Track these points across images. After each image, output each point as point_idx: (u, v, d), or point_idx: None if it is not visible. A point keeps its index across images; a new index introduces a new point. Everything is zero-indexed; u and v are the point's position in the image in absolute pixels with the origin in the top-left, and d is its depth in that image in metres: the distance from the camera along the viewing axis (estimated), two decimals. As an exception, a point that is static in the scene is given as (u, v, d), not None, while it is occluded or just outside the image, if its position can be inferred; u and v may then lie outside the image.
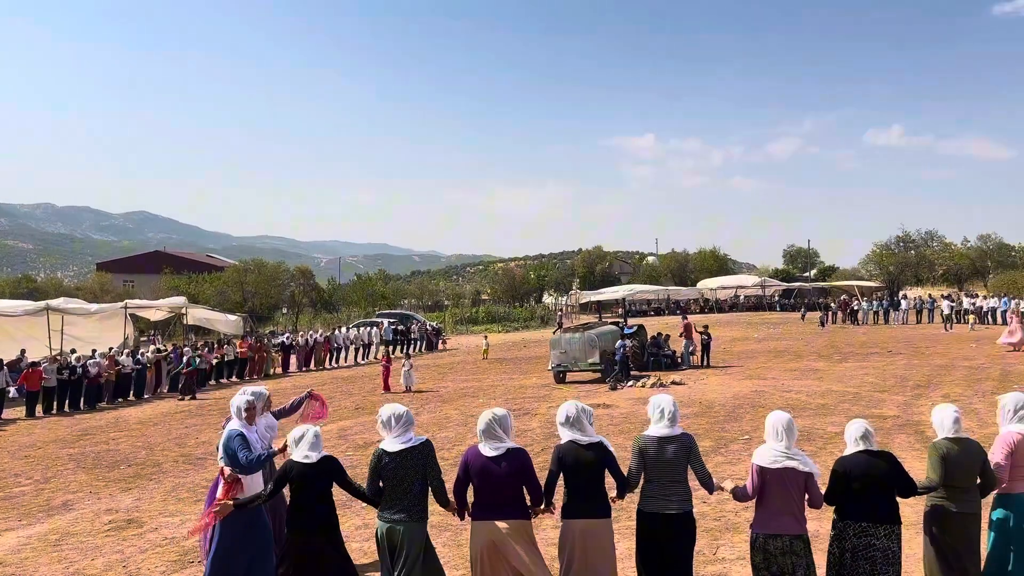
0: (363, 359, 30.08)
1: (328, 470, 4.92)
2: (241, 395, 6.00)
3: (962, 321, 33.05)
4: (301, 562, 4.85)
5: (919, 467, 6.53)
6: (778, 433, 4.61)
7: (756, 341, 29.92)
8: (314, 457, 4.91)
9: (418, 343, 33.69)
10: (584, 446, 4.69)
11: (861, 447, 4.67)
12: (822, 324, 37.82)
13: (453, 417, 14.42)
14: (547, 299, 68.30)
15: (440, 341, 36.26)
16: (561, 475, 4.74)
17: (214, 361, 23.45)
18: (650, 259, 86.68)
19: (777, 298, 52.37)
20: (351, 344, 30.05)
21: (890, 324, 36.81)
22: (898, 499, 4.66)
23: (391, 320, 36.66)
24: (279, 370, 26.32)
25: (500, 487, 4.63)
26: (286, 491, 5.18)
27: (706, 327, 23.19)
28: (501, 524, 4.61)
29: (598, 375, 19.58)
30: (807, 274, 72.05)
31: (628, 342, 20.39)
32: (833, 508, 4.75)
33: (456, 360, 28.54)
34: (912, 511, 6.04)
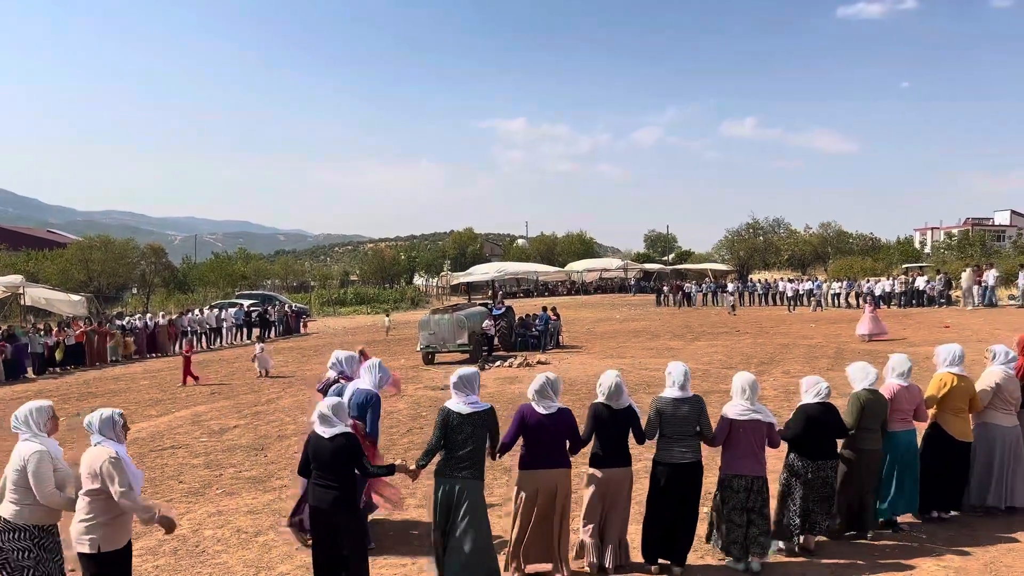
0: (213, 344, 28.22)
1: (339, 447, 4.95)
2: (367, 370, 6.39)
3: (804, 304, 35.68)
4: (319, 535, 5.05)
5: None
6: (744, 391, 5.56)
7: (618, 322, 31.06)
8: (328, 433, 5.01)
9: (275, 326, 31.91)
10: (616, 409, 5.49)
11: (817, 400, 5.78)
12: (658, 304, 41.09)
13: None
14: (418, 280, 67.86)
15: (301, 323, 34.79)
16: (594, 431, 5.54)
17: (51, 343, 21.60)
18: (520, 242, 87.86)
19: (634, 281, 54.48)
20: (199, 328, 27.66)
21: (719, 305, 38.90)
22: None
23: (252, 301, 35.22)
24: (135, 354, 24.62)
25: (552, 440, 5.31)
26: None
27: (554, 308, 23.74)
28: (556, 471, 5.32)
29: (467, 356, 19.70)
30: (666, 258, 75.49)
31: (493, 322, 20.64)
32: (789, 447, 5.83)
33: (323, 342, 27.83)
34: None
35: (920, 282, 31.98)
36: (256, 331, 29.80)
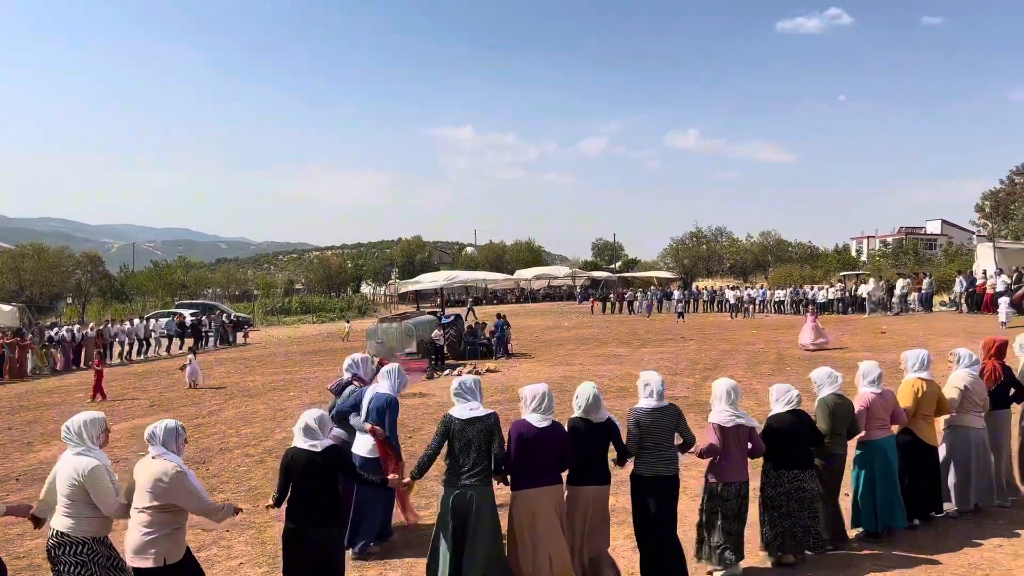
0: (139, 355, 27.11)
1: (331, 461, 4.77)
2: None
3: (744, 311, 36.45)
4: (298, 557, 4.73)
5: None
6: (727, 396, 5.49)
7: (566, 329, 31.24)
8: (319, 447, 4.76)
9: (211, 337, 30.91)
10: (594, 423, 5.22)
11: (789, 408, 5.70)
12: (603, 311, 41.84)
13: (260, 412, 13.78)
14: (365, 289, 67.18)
15: (241, 333, 33.42)
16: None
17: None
18: (469, 250, 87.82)
19: (579, 289, 54.93)
20: (127, 339, 26.59)
21: (663, 313, 39.52)
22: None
23: (193, 311, 34.33)
24: (60, 367, 23.72)
25: (547, 455, 5.05)
26: None
27: (503, 316, 23.76)
28: (553, 488, 5.10)
29: (414, 365, 19.55)
30: (613, 266, 76.37)
31: (443, 331, 20.56)
32: (765, 458, 5.68)
33: (266, 353, 27.28)
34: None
35: (863, 289, 32.99)
36: (189, 341, 28.97)
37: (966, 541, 6.08)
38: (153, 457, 4.50)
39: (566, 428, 5.24)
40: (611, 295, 46.11)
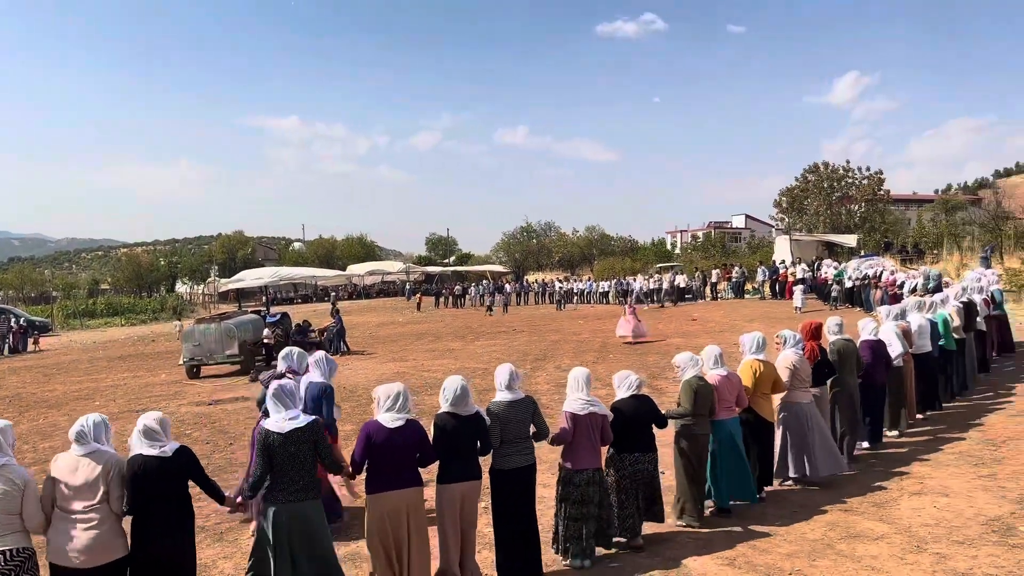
0: None
1: (183, 464, 4.50)
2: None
3: (571, 302, 37.93)
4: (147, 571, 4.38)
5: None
6: (580, 385, 5.59)
7: (401, 325, 30.96)
8: (169, 450, 4.46)
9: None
10: (465, 416, 5.09)
11: (631, 393, 5.88)
12: (436, 305, 42.05)
13: (62, 424, 12.47)
14: (181, 288, 62.88)
15: (31, 339, 29.86)
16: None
17: None
18: (296, 245, 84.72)
19: (409, 285, 54.52)
20: None
21: (493, 305, 40.26)
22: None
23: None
24: None
25: (403, 456, 4.83)
26: None
27: (337, 311, 23.32)
28: (408, 491, 4.83)
29: (238, 367, 18.54)
30: (447, 260, 76.70)
31: (270, 330, 19.65)
32: (611, 444, 5.78)
33: (69, 359, 24.81)
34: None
35: (680, 280, 35.24)
36: None
37: (809, 507, 6.53)
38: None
39: (436, 425, 5.09)
40: (443, 289, 46.25)
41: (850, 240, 33.90)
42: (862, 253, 29.42)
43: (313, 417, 4.88)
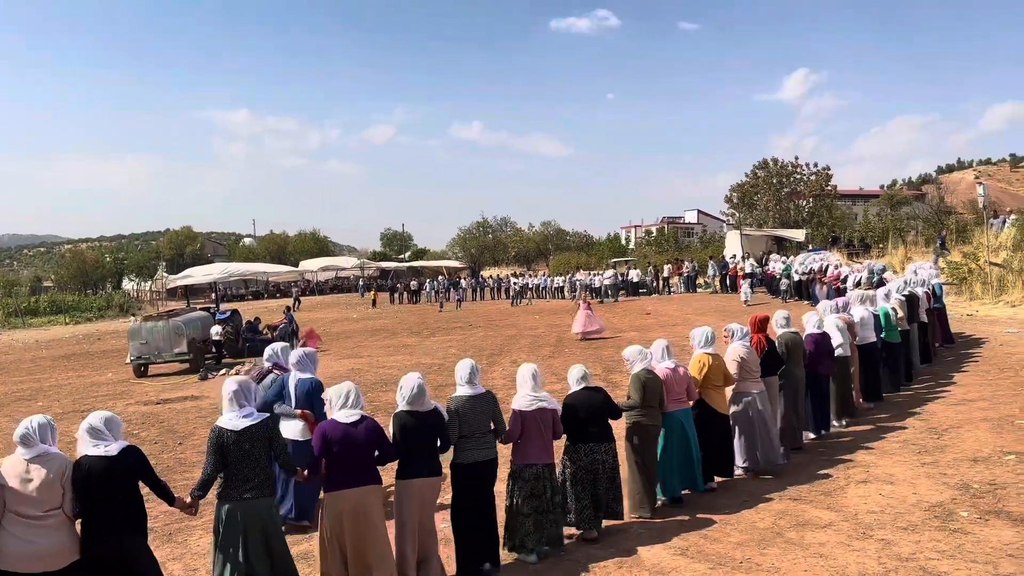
0: None
1: (130, 464, 4.37)
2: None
3: (527, 297, 38.00)
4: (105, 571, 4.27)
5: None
6: (527, 381, 5.63)
7: (355, 321, 30.65)
8: (114, 449, 4.34)
9: None
10: (424, 413, 5.10)
11: (583, 385, 5.93)
12: (391, 302, 41.42)
13: (4, 427, 12.04)
14: (128, 285, 61.26)
15: None
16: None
17: None
18: (247, 240, 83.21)
19: (362, 281, 53.89)
20: None
21: (449, 300, 40.19)
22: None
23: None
24: None
25: (359, 453, 4.80)
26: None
27: (288, 308, 23.07)
28: (365, 489, 4.80)
29: (187, 365, 18.15)
30: (402, 256, 76.17)
31: (220, 328, 19.29)
32: (567, 436, 5.87)
33: (9, 359, 23.99)
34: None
35: (633, 275, 35.55)
36: None
37: (759, 497, 6.66)
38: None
39: (395, 423, 5.08)
40: (398, 285, 45.91)
41: (798, 235, 34.60)
42: (810, 247, 30.01)
43: (267, 415, 4.86)
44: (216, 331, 19.13)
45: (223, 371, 17.28)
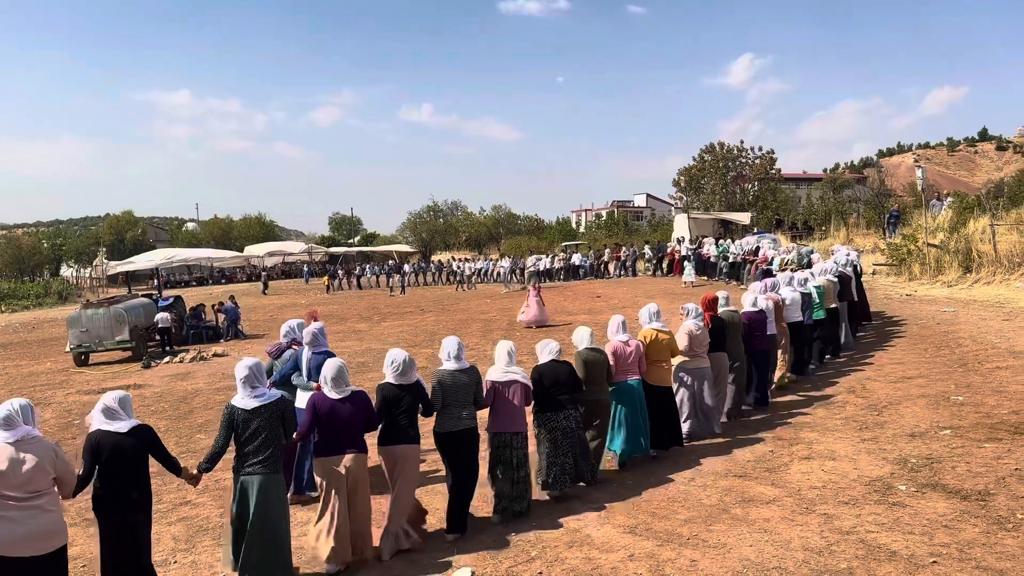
0: None
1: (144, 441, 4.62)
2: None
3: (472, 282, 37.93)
4: (114, 541, 4.52)
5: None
6: (502, 357, 6.10)
7: (304, 308, 30.19)
8: (126, 427, 4.56)
9: None
10: (405, 386, 5.58)
11: (551, 358, 6.42)
12: (334, 288, 40.19)
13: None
14: (66, 272, 59.24)
15: None
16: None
17: None
18: (190, 225, 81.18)
19: (307, 267, 53.05)
20: None
21: (392, 287, 39.68)
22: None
23: None
24: None
25: (345, 425, 5.27)
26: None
27: (232, 296, 22.64)
28: (351, 455, 5.28)
29: (129, 353, 17.67)
30: (352, 240, 75.23)
31: (165, 315, 18.81)
32: (536, 405, 6.31)
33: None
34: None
35: (576, 258, 35.76)
36: None
37: (705, 474, 6.83)
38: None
39: (380, 394, 5.55)
40: (339, 271, 45.30)
41: (744, 218, 35.23)
42: (755, 230, 30.59)
43: (279, 394, 5.21)
44: (164, 318, 18.66)
45: (167, 359, 16.87)
